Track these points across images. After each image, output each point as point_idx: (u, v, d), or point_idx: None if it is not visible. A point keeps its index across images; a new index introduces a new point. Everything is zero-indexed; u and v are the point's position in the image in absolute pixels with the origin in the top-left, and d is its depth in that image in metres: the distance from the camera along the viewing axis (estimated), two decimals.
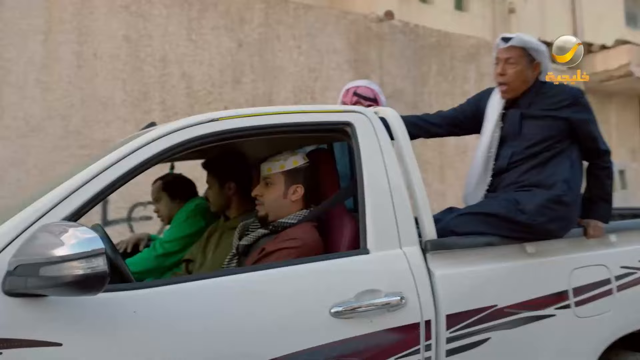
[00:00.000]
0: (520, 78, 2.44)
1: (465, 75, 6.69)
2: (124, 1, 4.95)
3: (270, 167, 2.19)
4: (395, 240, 2.02)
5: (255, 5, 5.51)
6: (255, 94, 5.45)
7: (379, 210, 2.02)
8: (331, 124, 2.21)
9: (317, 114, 2.21)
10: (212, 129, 1.98)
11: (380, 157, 2.13)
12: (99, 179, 1.74)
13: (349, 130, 2.15)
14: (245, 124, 2.05)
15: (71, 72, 4.73)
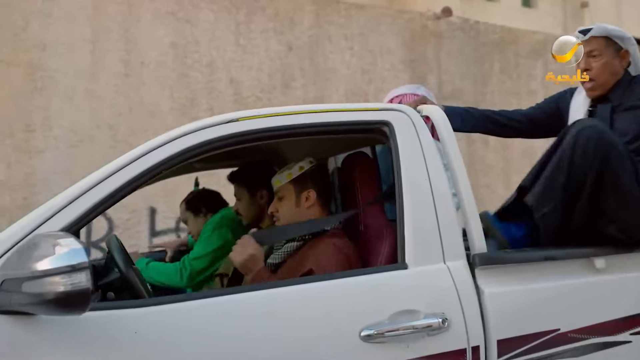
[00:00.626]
0: (608, 70, 2.18)
1: (531, 73, 6.26)
2: (170, 7, 4.87)
3: (279, 179, 2.05)
4: (438, 254, 1.77)
5: (305, 6, 5.32)
6: (305, 98, 5.25)
7: (420, 220, 1.78)
8: (366, 123, 1.99)
9: (351, 112, 2.00)
10: (231, 130, 1.81)
11: (422, 160, 1.90)
12: (102, 186, 1.62)
13: (387, 131, 1.93)
14: (268, 124, 1.87)
15: (118, 81, 4.68)
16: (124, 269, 1.81)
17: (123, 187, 1.64)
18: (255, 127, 1.86)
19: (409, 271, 1.73)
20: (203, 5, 4.98)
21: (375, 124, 1.97)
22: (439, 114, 2.03)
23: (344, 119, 1.96)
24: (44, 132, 4.45)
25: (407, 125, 1.95)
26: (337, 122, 1.96)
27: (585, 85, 2.23)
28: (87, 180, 1.58)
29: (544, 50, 6.38)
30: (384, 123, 1.94)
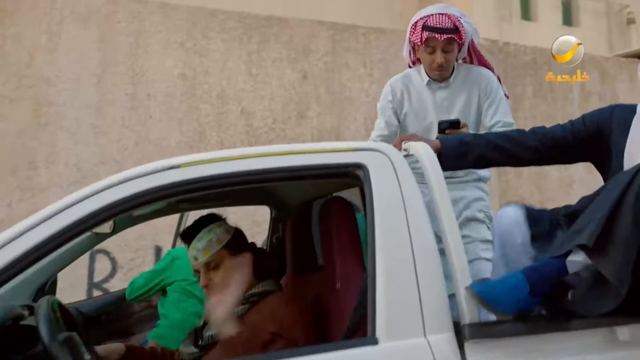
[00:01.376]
0: None
1: (567, 96, 5.84)
2: (179, 38, 4.72)
3: (206, 248, 1.83)
4: (417, 325, 1.48)
5: (321, 33, 5.09)
6: (321, 128, 4.99)
7: (395, 283, 1.50)
8: (336, 166, 1.72)
9: (318, 154, 1.73)
10: (171, 179, 1.59)
11: (402, 210, 1.62)
12: (13, 246, 1.41)
13: (361, 175, 1.66)
14: (216, 170, 1.62)
15: (125, 114, 4.54)
16: (47, 342, 1.57)
17: (36, 249, 1.43)
18: (200, 174, 1.61)
19: (379, 347, 1.45)
20: (213, 34, 4.81)
21: (347, 167, 1.71)
22: (426, 153, 1.74)
23: (310, 162, 1.70)
24: (48, 169, 4.33)
25: (385, 168, 1.67)
26: (301, 166, 1.69)
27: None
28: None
29: (581, 71, 5.95)
30: (357, 166, 1.67)
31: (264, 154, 1.70)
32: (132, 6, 4.65)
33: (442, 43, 2.39)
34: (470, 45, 2.56)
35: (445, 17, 2.40)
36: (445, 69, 2.49)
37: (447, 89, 2.57)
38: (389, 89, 2.70)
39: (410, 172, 1.70)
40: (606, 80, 6.03)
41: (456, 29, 2.39)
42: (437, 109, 2.57)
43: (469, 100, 2.56)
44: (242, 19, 4.91)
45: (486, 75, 2.57)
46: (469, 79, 2.56)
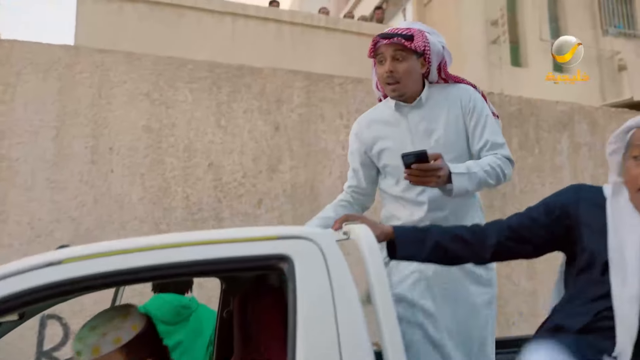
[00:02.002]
0: None
1: (556, 147, 5.60)
2: (145, 89, 4.51)
3: (96, 345, 1.51)
4: None
5: (294, 83, 4.88)
6: (295, 182, 4.74)
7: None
8: (255, 259, 1.49)
9: (234, 244, 1.50)
10: (48, 279, 1.36)
11: (332, 310, 1.40)
12: None
13: (285, 268, 1.44)
14: (107, 267, 1.38)
15: (84, 169, 4.28)
16: None
17: None
18: (88, 272, 1.37)
19: None
20: (181, 84, 4.60)
21: (268, 259, 1.48)
22: (367, 240, 1.53)
23: (224, 254, 1.47)
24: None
25: (313, 258, 1.45)
26: (213, 260, 1.46)
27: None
28: None
29: (570, 122, 5.75)
30: (280, 257, 1.45)
31: (169, 245, 1.46)
32: (95, 56, 4.45)
33: (391, 49, 2.17)
34: (443, 68, 2.31)
35: (404, 28, 2.23)
36: (400, 82, 2.20)
37: (420, 109, 2.26)
38: (354, 130, 2.48)
39: (344, 263, 1.48)
40: (596, 130, 5.81)
41: (410, 36, 2.16)
42: (413, 135, 2.26)
43: (449, 121, 2.24)
44: (211, 69, 4.70)
45: (467, 89, 2.30)
46: (447, 95, 2.27)
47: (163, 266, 1.40)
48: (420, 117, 2.26)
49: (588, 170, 5.67)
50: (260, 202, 4.63)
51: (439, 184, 1.93)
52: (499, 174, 2.13)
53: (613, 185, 1.67)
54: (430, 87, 2.28)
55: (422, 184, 1.95)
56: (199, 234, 1.54)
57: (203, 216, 4.48)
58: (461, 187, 1.99)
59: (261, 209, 4.63)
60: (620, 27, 10.69)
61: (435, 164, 1.90)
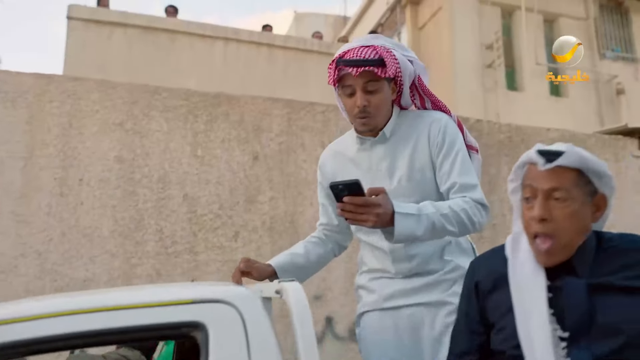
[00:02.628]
0: (576, 225, 1.42)
1: None
2: (118, 118, 4.37)
3: None
4: None
5: (274, 111, 4.74)
6: (273, 214, 4.56)
7: None
8: (163, 327, 1.32)
9: (138, 311, 1.33)
10: None
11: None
12: None
13: (198, 337, 1.28)
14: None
15: (52, 201, 4.13)
16: None
17: None
18: None
19: None
20: (155, 113, 4.46)
21: (178, 327, 1.31)
22: (296, 295, 1.39)
23: (123, 323, 1.30)
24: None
25: (231, 327, 1.29)
26: (113, 330, 1.29)
27: (540, 246, 1.44)
28: None
29: None
30: (193, 325, 1.29)
31: (64, 313, 1.28)
32: (67, 84, 4.32)
33: (361, 80, 1.87)
34: (418, 85, 2.03)
35: (369, 48, 1.88)
36: (373, 116, 1.93)
37: (385, 143, 2.00)
38: (320, 160, 2.22)
39: (269, 328, 1.32)
40: None
41: (380, 60, 1.86)
42: (374, 174, 2.00)
43: (414, 158, 1.97)
44: (187, 97, 4.56)
45: (438, 119, 1.98)
46: (416, 127, 1.98)
47: (58, 337, 1.23)
48: (383, 154, 2.01)
49: None
50: (237, 235, 4.46)
51: (379, 224, 1.64)
52: (463, 220, 1.82)
53: (513, 237, 1.52)
54: (399, 116, 2.02)
55: (358, 223, 1.66)
56: (106, 298, 1.38)
57: (177, 250, 4.31)
58: (405, 231, 1.68)
59: (238, 242, 4.45)
60: (618, 51, 10.57)
61: (372, 199, 1.62)
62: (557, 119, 9.23)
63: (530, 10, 9.93)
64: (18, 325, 1.19)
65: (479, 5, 10.01)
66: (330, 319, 4.51)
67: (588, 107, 10.03)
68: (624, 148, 5.82)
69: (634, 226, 5.57)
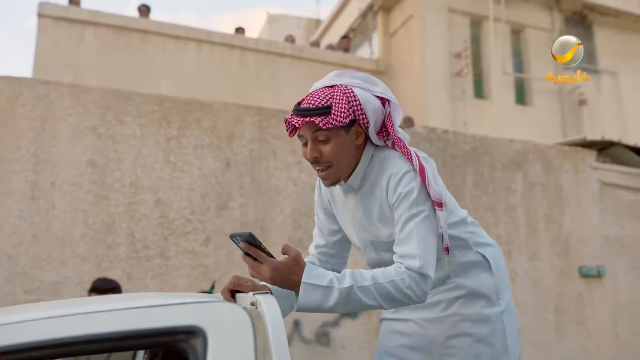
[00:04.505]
0: None
1: (510, 187, 5.62)
2: (91, 122, 4.40)
3: None
4: None
5: (246, 118, 4.82)
6: (244, 220, 4.65)
7: None
8: (155, 334, 1.41)
9: (131, 312, 1.42)
10: None
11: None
12: None
13: (196, 344, 1.37)
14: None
15: (23, 205, 4.15)
16: None
17: None
18: None
19: None
20: (129, 119, 4.50)
21: (173, 333, 1.40)
22: (272, 314, 1.46)
23: (118, 327, 1.38)
24: None
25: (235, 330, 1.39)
26: (99, 336, 1.37)
27: None
28: None
29: (524, 161, 5.78)
30: (188, 332, 1.39)
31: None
32: (39, 88, 4.34)
33: (309, 130, 1.69)
34: (387, 124, 1.79)
35: (324, 92, 1.71)
36: (330, 167, 1.74)
37: (356, 194, 1.85)
38: (317, 185, 2.04)
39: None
40: (550, 169, 5.85)
41: (326, 108, 1.67)
42: (353, 221, 1.89)
43: (382, 214, 1.80)
44: (160, 103, 4.62)
45: (395, 174, 1.75)
46: (380, 180, 1.79)
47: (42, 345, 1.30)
48: (354, 205, 1.87)
49: (542, 209, 5.69)
50: (208, 240, 4.53)
51: (275, 283, 1.57)
52: (390, 292, 1.62)
53: None
54: (372, 160, 1.82)
55: (254, 274, 1.59)
56: (92, 302, 1.46)
57: (148, 254, 4.37)
58: (309, 303, 1.57)
59: (209, 247, 4.52)
60: (582, 62, 10.90)
61: (263, 256, 1.56)
62: (523, 127, 9.50)
63: (499, 21, 10.16)
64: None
65: (449, 14, 10.21)
66: (298, 322, 4.61)
67: (552, 116, 10.33)
68: (583, 160, 6.05)
69: (592, 235, 5.81)
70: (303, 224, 4.80)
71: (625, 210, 6.12)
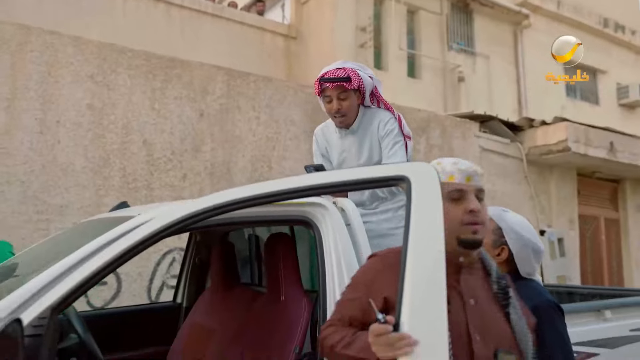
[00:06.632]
0: None
1: (415, 147, 7.03)
2: (89, 71, 5.11)
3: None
4: None
5: (217, 77, 5.74)
6: (214, 162, 5.62)
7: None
8: (286, 220, 2.43)
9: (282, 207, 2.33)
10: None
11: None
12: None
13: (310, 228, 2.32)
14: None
15: (33, 139, 4.82)
16: (82, 335, 2.09)
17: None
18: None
19: None
20: (121, 70, 5.25)
21: (293, 221, 2.40)
22: (348, 204, 2.46)
23: (275, 213, 2.34)
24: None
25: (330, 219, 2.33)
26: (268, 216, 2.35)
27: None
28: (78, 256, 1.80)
29: (427, 127, 7.21)
30: (303, 221, 2.35)
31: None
32: (46, 37, 4.96)
33: (335, 91, 2.72)
34: (375, 92, 2.87)
35: (341, 70, 2.74)
36: (346, 116, 2.77)
37: (354, 135, 2.85)
38: (314, 137, 3.07)
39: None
40: (445, 135, 7.35)
41: (348, 78, 2.71)
42: (346, 155, 2.89)
43: (372, 145, 2.82)
44: (148, 58, 5.41)
45: (377, 115, 2.82)
46: (371, 122, 2.83)
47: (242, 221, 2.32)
48: (351, 142, 2.87)
49: None
50: (185, 177, 5.47)
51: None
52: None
53: None
54: (363, 113, 2.84)
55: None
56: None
57: (137, 186, 5.22)
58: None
59: (185, 182, 5.46)
60: (462, 45, 12.63)
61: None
62: (413, 98, 11.01)
63: (398, 1, 11.53)
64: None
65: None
66: None
67: (436, 90, 11.97)
68: (470, 129, 7.63)
69: None
70: (259, 168, 5.87)
71: (496, 171, 7.82)
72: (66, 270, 1.79)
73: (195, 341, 3.13)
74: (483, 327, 1.58)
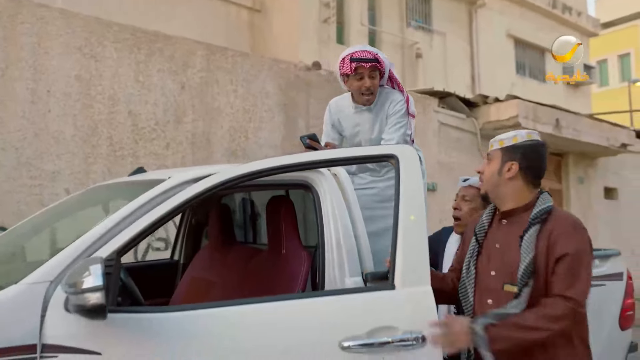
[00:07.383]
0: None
1: None
2: (78, 43, 5.34)
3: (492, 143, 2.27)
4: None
5: (198, 51, 6.05)
6: (195, 132, 5.96)
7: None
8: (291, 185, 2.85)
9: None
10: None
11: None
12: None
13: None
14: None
15: (25, 108, 5.05)
16: (124, 279, 2.47)
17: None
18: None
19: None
20: (108, 43, 5.51)
21: (296, 185, 2.82)
22: (344, 175, 2.89)
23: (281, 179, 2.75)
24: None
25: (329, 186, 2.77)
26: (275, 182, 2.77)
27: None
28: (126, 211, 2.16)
29: None
30: (304, 185, 2.77)
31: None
32: (36, 10, 5.16)
33: (368, 70, 3.00)
34: (390, 75, 3.17)
35: (366, 52, 3.05)
36: (372, 93, 3.06)
37: (370, 112, 3.14)
38: (328, 108, 3.37)
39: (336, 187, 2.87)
40: None
41: (377, 59, 3.03)
42: (360, 128, 3.19)
43: (382, 122, 3.12)
44: (133, 32, 5.67)
45: (390, 96, 3.13)
46: (384, 102, 3.13)
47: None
48: (367, 118, 3.17)
49: None
50: (168, 146, 5.80)
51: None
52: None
53: None
54: (379, 93, 3.13)
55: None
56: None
57: (123, 154, 5.53)
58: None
59: (169, 151, 5.79)
60: (420, 22, 13.13)
61: (320, 147, 2.88)
62: None
63: None
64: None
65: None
66: None
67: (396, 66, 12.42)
68: (429, 105, 8.16)
69: (430, 160, 7.97)
70: (237, 138, 6.24)
71: (453, 144, 8.40)
72: (121, 221, 2.17)
73: (194, 293, 3.48)
74: (502, 264, 2.10)
